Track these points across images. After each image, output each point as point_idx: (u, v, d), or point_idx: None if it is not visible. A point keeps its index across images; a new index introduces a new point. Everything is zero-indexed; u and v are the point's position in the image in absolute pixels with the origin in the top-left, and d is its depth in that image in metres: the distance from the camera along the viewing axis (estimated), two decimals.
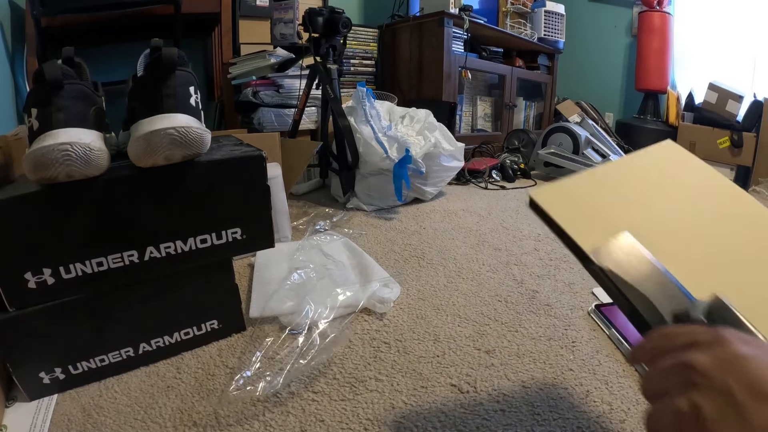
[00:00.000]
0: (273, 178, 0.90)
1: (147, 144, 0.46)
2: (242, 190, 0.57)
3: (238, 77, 1.57)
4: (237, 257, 0.85)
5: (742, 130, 2.02)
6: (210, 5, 1.56)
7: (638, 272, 0.32)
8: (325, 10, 1.36)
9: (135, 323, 0.55)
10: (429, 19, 1.89)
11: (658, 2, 2.47)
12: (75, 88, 0.47)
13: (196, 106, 0.52)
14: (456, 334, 0.64)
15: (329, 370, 0.55)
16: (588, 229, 0.35)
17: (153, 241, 0.52)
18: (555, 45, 2.63)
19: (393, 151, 1.24)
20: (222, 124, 1.73)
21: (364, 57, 2.04)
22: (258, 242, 0.61)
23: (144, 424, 0.46)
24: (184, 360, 0.57)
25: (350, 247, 0.91)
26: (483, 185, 1.69)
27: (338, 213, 1.22)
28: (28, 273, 0.46)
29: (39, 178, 0.43)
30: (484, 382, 0.53)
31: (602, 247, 0.34)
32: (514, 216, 1.27)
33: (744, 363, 0.20)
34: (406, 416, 0.47)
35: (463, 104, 2.25)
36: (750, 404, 0.19)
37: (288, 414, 0.48)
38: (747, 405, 0.19)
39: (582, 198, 0.38)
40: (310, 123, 1.61)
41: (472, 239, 1.06)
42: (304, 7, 1.49)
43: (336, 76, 1.37)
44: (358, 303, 0.67)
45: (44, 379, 0.50)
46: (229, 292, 0.62)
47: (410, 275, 0.84)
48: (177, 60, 0.50)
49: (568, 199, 0.38)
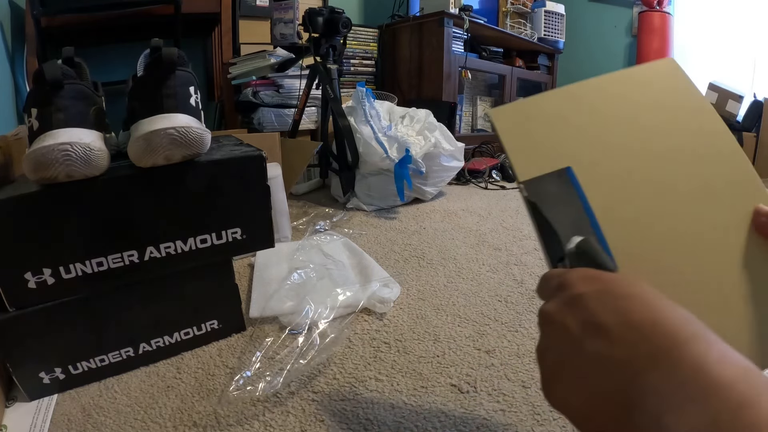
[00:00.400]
0: (273, 178, 0.90)
1: (147, 144, 0.46)
2: (242, 190, 0.57)
3: (238, 77, 1.57)
4: (237, 257, 0.85)
5: (742, 130, 2.02)
6: (210, 5, 1.56)
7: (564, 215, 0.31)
8: (325, 10, 1.36)
9: (135, 323, 0.55)
10: (429, 19, 1.89)
11: (658, 2, 2.47)
12: (75, 88, 0.47)
13: (196, 106, 0.52)
14: (456, 334, 0.64)
15: (329, 370, 0.55)
16: (534, 156, 0.33)
17: (153, 241, 0.52)
18: (555, 45, 2.63)
19: (393, 151, 1.24)
20: (222, 124, 1.73)
21: (364, 57, 2.04)
22: (258, 242, 0.61)
23: (144, 424, 0.46)
24: (184, 360, 0.57)
25: (350, 247, 0.91)
26: (483, 185, 1.69)
27: (338, 213, 1.22)
28: (28, 273, 0.46)
29: (39, 178, 0.43)
30: (484, 382, 0.53)
31: (537, 179, 0.32)
32: (514, 216, 1.27)
33: (579, 301, 0.23)
34: (406, 416, 0.47)
35: (463, 104, 2.25)
36: (582, 337, 0.22)
37: (288, 414, 0.48)
38: (580, 338, 0.22)
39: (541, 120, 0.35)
40: (310, 123, 1.61)
41: (472, 239, 1.06)
42: (304, 7, 1.49)
43: (336, 76, 1.37)
44: (358, 303, 0.67)
45: (44, 379, 0.50)
46: (229, 292, 0.62)
47: (410, 275, 0.84)
48: (177, 60, 0.50)
49: (526, 120, 0.35)
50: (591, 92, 0.36)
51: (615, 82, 0.36)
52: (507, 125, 0.35)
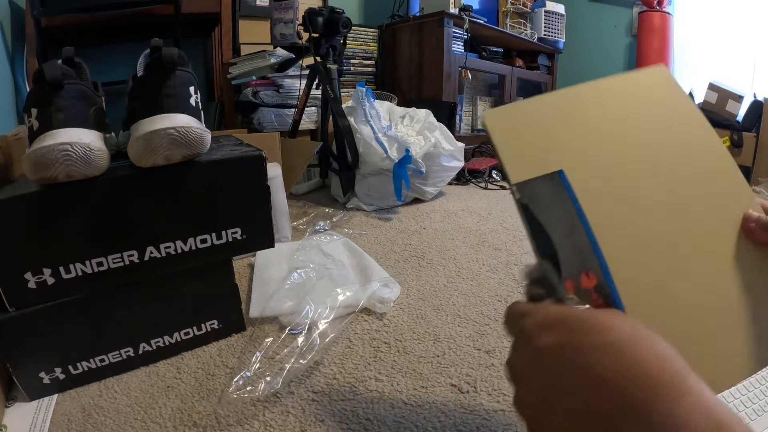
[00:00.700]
0: (273, 178, 0.90)
1: (147, 144, 0.46)
2: (242, 190, 0.57)
3: (238, 77, 1.57)
4: (237, 257, 0.85)
5: (742, 130, 2.02)
6: (210, 5, 1.55)
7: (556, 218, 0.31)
8: (325, 10, 1.36)
9: (135, 323, 0.55)
10: (429, 19, 1.89)
11: (658, 2, 2.47)
12: (75, 88, 0.47)
13: (196, 106, 0.52)
14: (456, 334, 0.64)
15: (329, 370, 0.55)
16: (526, 159, 0.33)
17: (153, 241, 0.52)
18: (555, 45, 2.63)
19: (393, 151, 1.24)
20: (222, 124, 1.73)
21: (364, 57, 2.04)
22: (258, 242, 0.61)
23: (144, 424, 0.46)
24: (184, 360, 0.57)
25: (350, 247, 0.91)
26: (483, 185, 1.69)
27: (338, 213, 1.22)
28: (28, 273, 0.46)
29: (39, 178, 0.43)
30: (484, 382, 0.53)
31: (531, 182, 0.32)
32: (514, 216, 1.27)
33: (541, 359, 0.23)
34: (406, 416, 0.47)
35: (463, 104, 2.25)
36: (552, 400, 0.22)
37: (288, 414, 0.48)
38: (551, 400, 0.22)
39: (534, 123, 0.35)
40: (310, 123, 1.61)
41: (472, 239, 1.06)
42: (304, 7, 1.49)
43: (336, 76, 1.37)
44: (358, 303, 0.67)
45: (44, 379, 0.50)
46: (229, 292, 0.62)
47: (410, 275, 0.84)
48: (177, 60, 0.50)
49: (519, 123, 0.35)
50: (584, 97, 0.36)
51: (608, 87, 0.37)
52: (500, 128, 0.35)
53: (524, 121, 0.35)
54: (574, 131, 0.35)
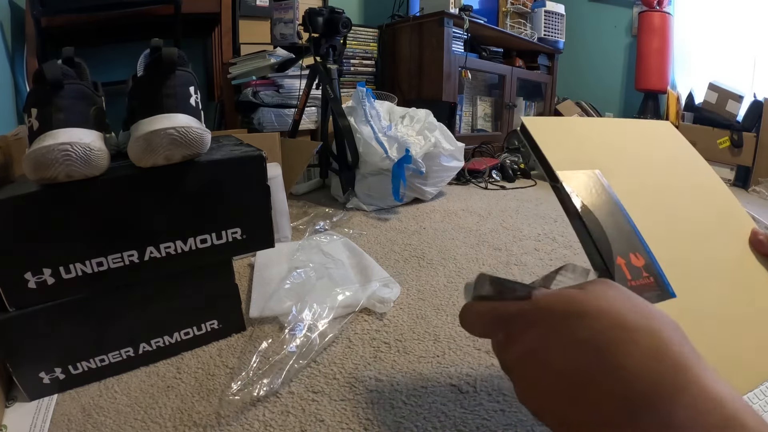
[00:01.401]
0: (273, 178, 0.90)
1: (147, 144, 0.46)
2: (242, 190, 0.57)
3: (238, 77, 1.57)
4: (237, 257, 0.85)
5: (742, 130, 2.02)
6: (210, 5, 1.56)
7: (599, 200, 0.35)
8: (325, 10, 1.36)
9: (135, 323, 0.55)
10: (429, 19, 1.89)
11: (658, 2, 2.47)
12: (75, 88, 0.47)
13: (196, 106, 0.52)
14: (456, 334, 0.64)
15: (329, 370, 0.55)
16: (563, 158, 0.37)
17: (153, 241, 0.52)
18: (555, 45, 2.62)
19: (393, 151, 1.24)
20: (222, 124, 1.73)
21: (364, 57, 2.04)
22: (258, 242, 0.61)
23: (144, 424, 0.46)
24: (184, 360, 0.57)
25: (350, 247, 0.91)
26: (483, 185, 1.69)
27: (338, 213, 1.22)
28: (28, 273, 0.46)
29: (39, 178, 0.43)
30: (484, 382, 0.53)
31: (572, 173, 0.36)
32: (514, 216, 1.27)
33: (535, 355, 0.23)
34: (406, 416, 0.47)
35: (463, 104, 2.25)
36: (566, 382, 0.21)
37: (288, 414, 0.48)
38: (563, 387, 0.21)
39: (568, 134, 0.41)
40: (310, 123, 1.61)
41: (472, 239, 1.06)
42: (304, 7, 1.49)
43: (336, 76, 1.37)
44: (357, 303, 0.67)
45: (44, 379, 0.50)
46: (229, 292, 0.62)
47: (410, 275, 0.84)
48: (177, 60, 0.50)
49: (555, 131, 0.41)
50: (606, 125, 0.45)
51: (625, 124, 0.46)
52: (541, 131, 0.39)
53: (562, 131, 0.41)
54: (601, 149, 0.41)
